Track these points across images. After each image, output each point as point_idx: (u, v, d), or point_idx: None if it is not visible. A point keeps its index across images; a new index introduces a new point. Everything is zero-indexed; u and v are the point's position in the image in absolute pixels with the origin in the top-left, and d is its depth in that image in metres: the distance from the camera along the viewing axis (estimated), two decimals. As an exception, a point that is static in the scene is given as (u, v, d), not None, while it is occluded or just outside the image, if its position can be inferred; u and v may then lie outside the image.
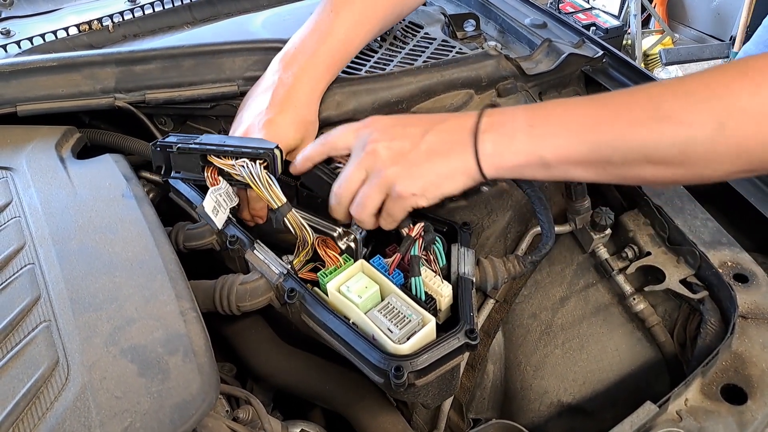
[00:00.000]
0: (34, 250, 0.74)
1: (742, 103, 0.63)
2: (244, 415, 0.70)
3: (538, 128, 0.70)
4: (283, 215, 0.78)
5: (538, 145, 0.70)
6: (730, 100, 0.63)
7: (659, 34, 3.95)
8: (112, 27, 1.29)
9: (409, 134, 0.75)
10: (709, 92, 0.64)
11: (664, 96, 0.66)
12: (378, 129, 0.77)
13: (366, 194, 0.75)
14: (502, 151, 0.71)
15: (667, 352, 0.86)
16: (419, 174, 0.73)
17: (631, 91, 0.70)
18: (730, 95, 0.63)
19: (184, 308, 0.67)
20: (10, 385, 0.59)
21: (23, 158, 0.89)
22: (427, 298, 0.74)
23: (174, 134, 0.86)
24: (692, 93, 0.65)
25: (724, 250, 0.82)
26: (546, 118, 0.71)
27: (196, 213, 0.86)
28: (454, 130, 0.74)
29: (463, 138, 0.72)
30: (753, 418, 0.65)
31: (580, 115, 0.70)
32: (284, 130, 0.86)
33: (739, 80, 0.64)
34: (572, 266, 0.97)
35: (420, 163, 0.73)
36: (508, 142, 0.71)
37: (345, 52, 0.98)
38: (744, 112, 0.63)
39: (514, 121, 0.72)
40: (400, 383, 0.64)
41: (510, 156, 0.71)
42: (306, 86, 0.92)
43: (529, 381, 0.93)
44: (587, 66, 1.16)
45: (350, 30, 0.97)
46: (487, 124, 0.72)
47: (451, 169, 0.73)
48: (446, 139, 0.73)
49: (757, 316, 0.74)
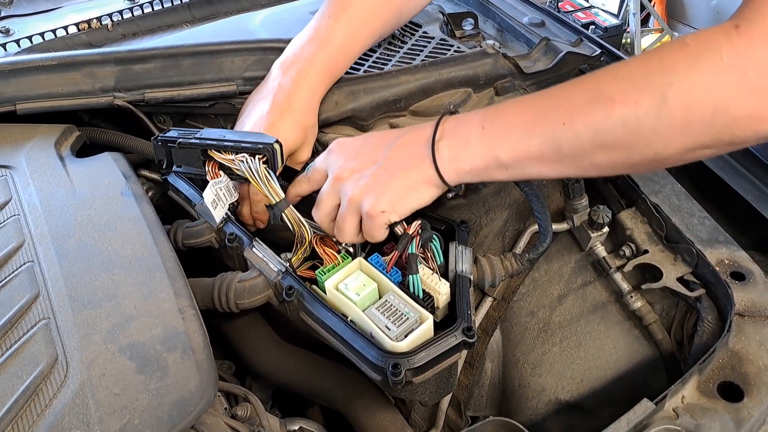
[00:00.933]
0: (33, 248, 0.74)
1: (682, 75, 0.62)
2: (243, 413, 0.70)
3: (489, 129, 0.71)
4: (281, 210, 0.78)
5: (491, 146, 0.71)
6: (670, 74, 0.63)
7: (658, 33, 3.95)
8: (111, 26, 1.29)
9: (371, 155, 0.76)
10: (649, 69, 0.64)
11: (605, 80, 0.67)
12: (342, 153, 0.78)
13: (341, 218, 0.76)
14: (457, 155, 0.72)
15: (664, 349, 0.86)
16: (383, 191, 0.73)
17: (575, 81, 0.70)
18: (670, 69, 0.63)
19: (182, 306, 0.67)
20: (9, 382, 0.60)
21: (23, 156, 0.89)
22: (425, 295, 0.74)
23: (175, 128, 0.86)
24: (632, 72, 0.66)
25: (721, 248, 0.82)
26: (497, 118, 0.71)
27: (195, 210, 0.87)
28: (413, 142, 0.75)
29: (421, 149, 0.73)
30: (749, 416, 0.66)
31: (528, 110, 0.70)
32: (284, 135, 0.87)
33: (678, 53, 0.63)
34: (570, 264, 0.97)
35: (383, 181, 0.73)
36: (463, 146, 0.72)
37: (344, 58, 0.99)
38: (684, 83, 0.62)
39: (467, 125, 0.72)
40: (398, 380, 0.64)
41: (467, 159, 0.72)
42: (305, 91, 0.93)
43: (527, 379, 0.93)
44: (585, 64, 1.16)
45: (349, 36, 0.98)
46: (442, 132, 0.73)
47: (413, 181, 0.73)
48: (406, 153, 0.74)
49: (754, 314, 0.75)
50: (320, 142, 1.01)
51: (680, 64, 0.63)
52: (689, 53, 0.63)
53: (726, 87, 0.61)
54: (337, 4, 0.99)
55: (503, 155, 0.70)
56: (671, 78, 0.62)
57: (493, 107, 0.74)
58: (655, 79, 0.63)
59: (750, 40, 0.60)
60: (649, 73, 0.64)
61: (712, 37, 0.62)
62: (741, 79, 0.60)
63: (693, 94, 0.62)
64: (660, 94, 0.63)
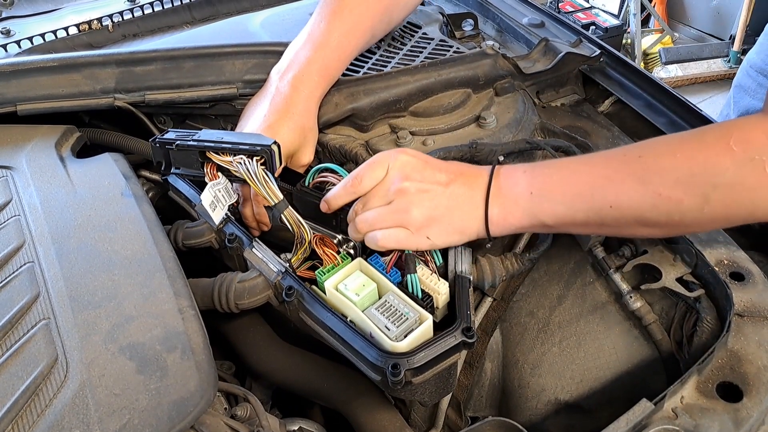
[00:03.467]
0: (33, 249, 0.74)
1: (726, 178, 0.66)
2: (243, 413, 0.70)
3: (537, 196, 0.75)
4: (279, 212, 0.78)
5: (538, 212, 0.75)
6: (714, 176, 0.66)
7: (659, 33, 3.95)
8: (111, 27, 1.30)
9: (437, 179, 0.78)
10: (695, 168, 0.68)
11: (653, 168, 0.70)
12: (410, 166, 0.78)
13: (381, 216, 0.77)
14: (506, 215, 0.76)
15: (664, 350, 0.86)
16: (440, 221, 0.76)
17: (622, 159, 0.74)
18: (715, 171, 0.66)
19: (182, 306, 0.67)
20: (9, 382, 0.60)
21: (23, 157, 0.89)
22: (424, 295, 0.74)
23: (173, 130, 0.86)
24: (678, 168, 0.69)
25: (720, 249, 0.82)
26: (544, 185, 0.75)
27: (195, 211, 0.87)
28: (472, 187, 0.78)
29: (477, 196, 0.77)
30: (748, 416, 0.66)
31: (575, 186, 0.74)
32: (283, 137, 0.88)
33: (724, 156, 0.66)
34: (569, 264, 0.97)
35: (443, 212, 0.76)
36: (512, 207, 0.76)
37: (338, 60, 1.00)
38: (728, 187, 0.66)
39: (516, 186, 0.76)
40: (397, 381, 0.64)
41: (514, 221, 0.77)
42: (302, 94, 0.94)
43: (527, 379, 0.93)
44: (585, 65, 1.16)
45: (342, 38, 1.00)
46: (496, 188, 0.77)
47: (464, 225, 0.77)
48: (464, 194, 0.77)
49: (753, 314, 0.75)
50: (320, 143, 1.01)
51: (724, 168, 0.66)
52: (735, 159, 0.66)
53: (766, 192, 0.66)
54: (329, 8, 1.01)
55: (548, 221, 0.76)
56: (716, 180, 0.66)
57: (539, 169, 0.78)
58: (700, 180, 0.67)
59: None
60: (695, 173, 0.67)
61: (755, 142, 0.65)
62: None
63: (735, 198, 0.67)
64: (704, 194, 0.67)
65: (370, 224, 0.77)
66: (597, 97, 1.17)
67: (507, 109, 1.06)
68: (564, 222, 0.75)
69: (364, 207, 0.79)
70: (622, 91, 1.13)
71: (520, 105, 1.06)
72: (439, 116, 1.03)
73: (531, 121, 1.04)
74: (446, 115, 1.03)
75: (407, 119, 1.04)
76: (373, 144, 1.00)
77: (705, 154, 0.68)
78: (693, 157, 0.68)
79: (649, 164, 0.71)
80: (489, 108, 1.05)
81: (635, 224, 0.73)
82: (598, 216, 0.73)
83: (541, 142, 0.95)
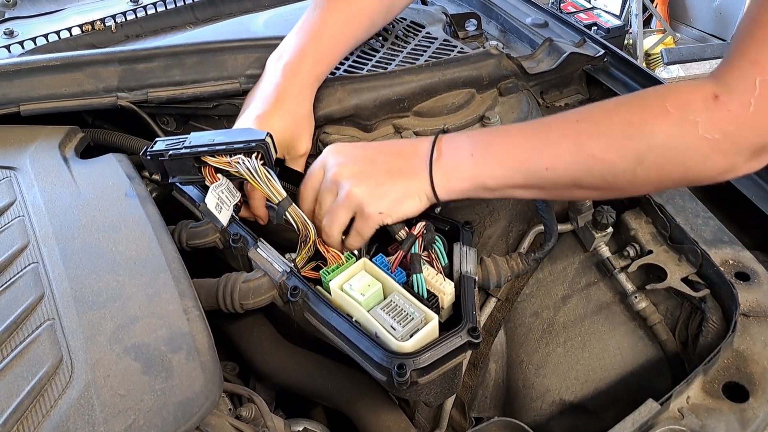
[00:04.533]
0: (37, 249, 0.74)
1: (659, 139, 0.67)
2: (247, 413, 0.70)
3: (478, 158, 0.76)
4: (284, 209, 0.78)
5: (479, 173, 0.76)
6: (648, 138, 0.67)
7: (661, 34, 3.95)
8: (114, 27, 1.29)
9: (369, 156, 0.78)
10: (629, 130, 0.69)
11: (588, 133, 0.71)
12: (340, 152, 0.80)
13: (333, 212, 0.77)
14: (449, 177, 0.77)
15: (669, 350, 0.86)
16: (383, 193, 0.76)
17: (560, 123, 0.75)
18: (649, 133, 0.67)
19: (187, 307, 0.67)
20: (14, 383, 0.60)
21: (27, 158, 0.89)
22: (430, 295, 0.74)
23: (161, 139, 0.85)
24: (613, 129, 0.70)
25: (725, 249, 0.82)
26: (486, 149, 0.76)
27: (200, 211, 0.87)
28: (411, 155, 0.78)
29: (419, 163, 0.77)
30: (755, 416, 0.66)
31: (513, 149, 0.75)
32: (275, 126, 0.88)
33: (659, 118, 0.67)
34: (574, 265, 0.97)
35: (383, 182, 0.76)
36: (454, 170, 0.77)
37: (333, 49, 0.99)
38: (662, 149, 0.67)
39: (458, 150, 0.77)
40: (403, 381, 0.64)
41: (457, 182, 0.77)
42: (296, 81, 0.94)
43: (531, 379, 0.93)
44: (589, 65, 1.16)
45: (336, 27, 0.99)
46: (438, 153, 0.78)
47: (411, 189, 0.77)
48: (405, 163, 0.78)
49: (759, 314, 0.75)
50: (323, 143, 1.01)
51: (658, 130, 0.67)
52: (669, 121, 0.67)
53: (698, 155, 0.67)
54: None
55: (489, 183, 0.76)
56: (650, 143, 0.67)
57: (481, 134, 0.80)
58: (634, 142, 0.68)
59: (727, 113, 0.64)
60: (629, 135, 0.68)
61: (692, 104, 0.66)
62: (713, 147, 0.66)
63: (668, 160, 0.68)
64: (637, 157, 0.68)
65: (330, 225, 0.78)
66: (601, 97, 1.17)
67: (511, 109, 1.05)
68: (504, 185, 0.76)
69: (320, 208, 0.80)
70: (626, 90, 1.12)
71: (524, 105, 1.06)
72: (443, 116, 1.02)
73: (535, 121, 1.04)
74: (450, 115, 1.03)
75: (411, 119, 1.03)
76: (377, 144, 0.99)
77: (641, 116, 0.68)
78: (629, 119, 0.69)
79: (585, 127, 0.72)
80: (493, 108, 1.05)
81: (572, 187, 0.74)
82: (536, 178, 0.74)
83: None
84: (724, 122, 0.65)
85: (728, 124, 0.65)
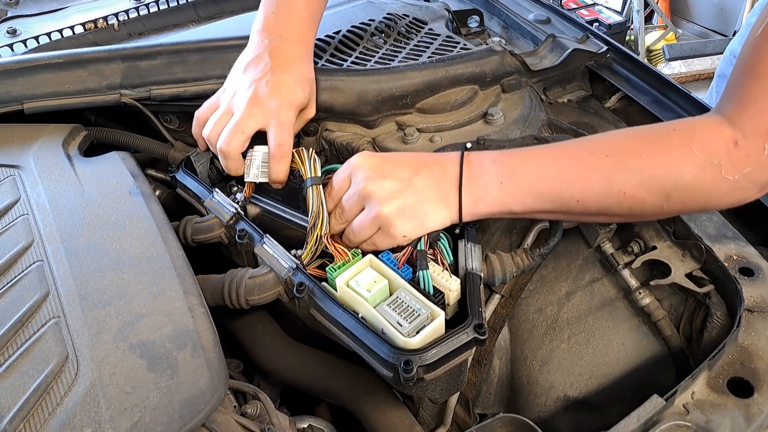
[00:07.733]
0: (42, 248, 0.74)
1: (687, 179, 0.73)
2: (252, 411, 0.70)
3: (507, 187, 0.78)
4: (311, 184, 0.81)
5: (507, 200, 0.79)
6: (677, 178, 0.73)
7: (662, 30, 3.94)
8: (117, 25, 1.30)
9: (399, 175, 0.79)
10: (659, 171, 0.74)
11: (618, 170, 0.75)
12: (368, 166, 0.79)
13: (361, 226, 0.78)
14: (476, 202, 0.79)
15: (673, 346, 0.85)
16: (411, 216, 0.77)
17: (589, 155, 0.77)
18: (679, 175, 0.73)
19: (192, 304, 0.67)
20: (20, 381, 0.60)
21: (30, 156, 0.89)
22: (436, 292, 0.74)
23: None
24: (643, 170, 0.74)
25: (729, 244, 0.82)
26: (513, 176, 0.78)
27: (204, 206, 0.87)
28: (440, 177, 0.79)
29: (449, 187, 0.79)
30: (759, 411, 0.65)
31: (542, 177, 0.78)
32: (293, 88, 0.90)
33: (686, 159, 0.73)
34: (578, 261, 0.97)
35: (411, 205, 0.77)
36: (483, 195, 0.79)
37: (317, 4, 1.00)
38: (687, 187, 0.74)
39: (485, 175, 0.79)
40: (410, 377, 0.64)
41: (484, 207, 0.79)
42: (295, 44, 0.95)
43: (535, 376, 0.93)
44: (592, 61, 1.16)
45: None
46: (467, 177, 0.79)
47: (438, 213, 0.78)
48: (433, 185, 0.79)
49: (763, 310, 0.74)
50: (327, 140, 1.01)
51: (686, 171, 0.73)
52: (696, 164, 0.73)
53: (719, 191, 0.74)
54: None
55: (517, 209, 0.79)
56: (678, 182, 0.74)
57: (508, 159, 0.80)
58: (664, 182, 0.74)
59: (745, 158, 0.72)
60: (658, 175, 0.74)
61: (715, 148, 0.73)
62: (732, 185, 0.73)
63: (692, 196, 0.75)
64: (665, 194, 0.74)
65: (356, 234, 0.79)
66: (604, 93, 1.17)
67: (514, 105, 1.05)
68: (532, 210, 0.80)
69: (343, 213, 0.81)
70: (629, 86, 1.13)
71: (527, 101, 1.06)
72: (446, 113, 1.02)
73: (538, 117, 1.04)
74: (453, 111, 1.03)
75: (414, 116, 1.03)
76: (380, 141, 0.99)
77: (669, 158, 0.74)
78: (657, 159, 0.74)
79: (616, 163, 0.76)
80: (496, 104, 1.05)
81: (598, 215, 0.80)
82: (565, 207, 0.78)
83: (549, 138, 0.95)
84: (743, 165, 0.72)
85: (746, 166, 0.72)
